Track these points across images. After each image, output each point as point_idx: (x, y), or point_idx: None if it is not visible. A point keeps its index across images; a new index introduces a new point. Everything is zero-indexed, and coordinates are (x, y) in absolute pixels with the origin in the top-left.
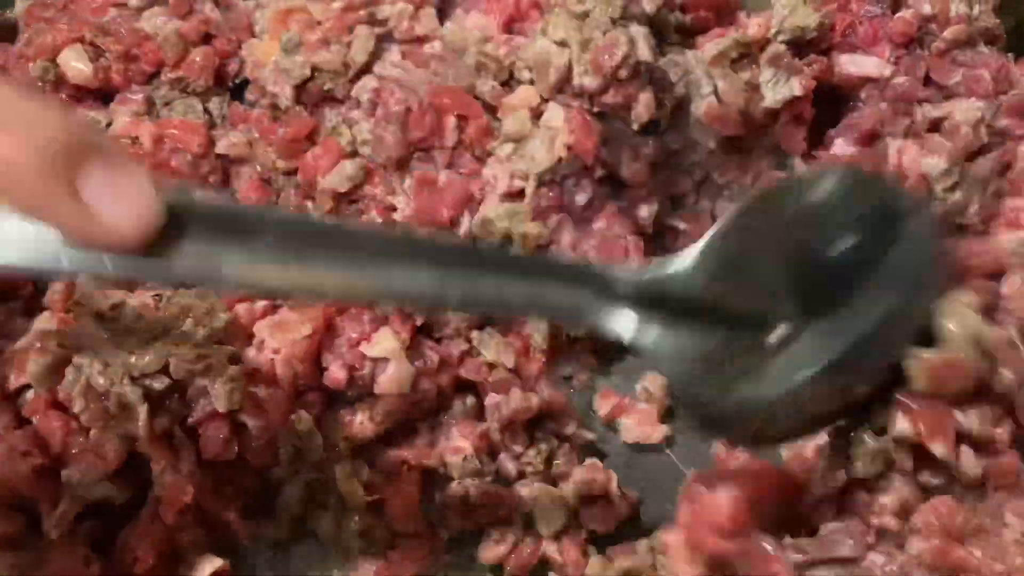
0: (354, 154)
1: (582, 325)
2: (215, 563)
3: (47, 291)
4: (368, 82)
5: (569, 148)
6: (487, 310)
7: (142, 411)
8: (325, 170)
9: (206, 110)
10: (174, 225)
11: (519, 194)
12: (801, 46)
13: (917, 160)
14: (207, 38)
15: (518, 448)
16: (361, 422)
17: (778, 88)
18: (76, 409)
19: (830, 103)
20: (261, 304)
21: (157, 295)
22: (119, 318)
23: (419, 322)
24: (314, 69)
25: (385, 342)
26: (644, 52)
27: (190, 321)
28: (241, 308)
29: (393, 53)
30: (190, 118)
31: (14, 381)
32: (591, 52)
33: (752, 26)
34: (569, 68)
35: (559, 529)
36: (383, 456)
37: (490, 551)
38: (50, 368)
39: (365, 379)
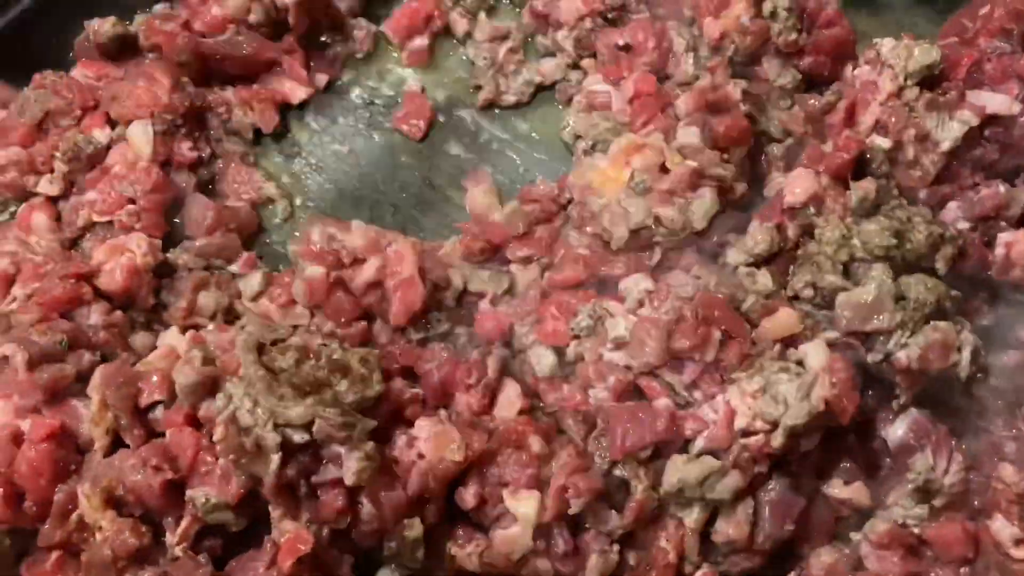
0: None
1: None
2: None
3: (169, 307)
4: (642, 282)
5: (827, 403)
6: None
7: (275, 459)
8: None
9: None
10: None
11: (751, 433)
12: (931, 83)
13: None
14: None
15: None
16: (470, 553)
17: (948, 127)
18: (216, 436)
19: None
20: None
21: (324, 343)
22: (279, 358)
23: (574, 509)
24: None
25: (526, 504)
26: None
27: (345, 382)
28: (398, 383)
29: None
30: None
31: (147, 396)
32: None
33: (885, 81)
34: None
35: None
36: None
37: None
38: (198, 385)
39: (488, 519)
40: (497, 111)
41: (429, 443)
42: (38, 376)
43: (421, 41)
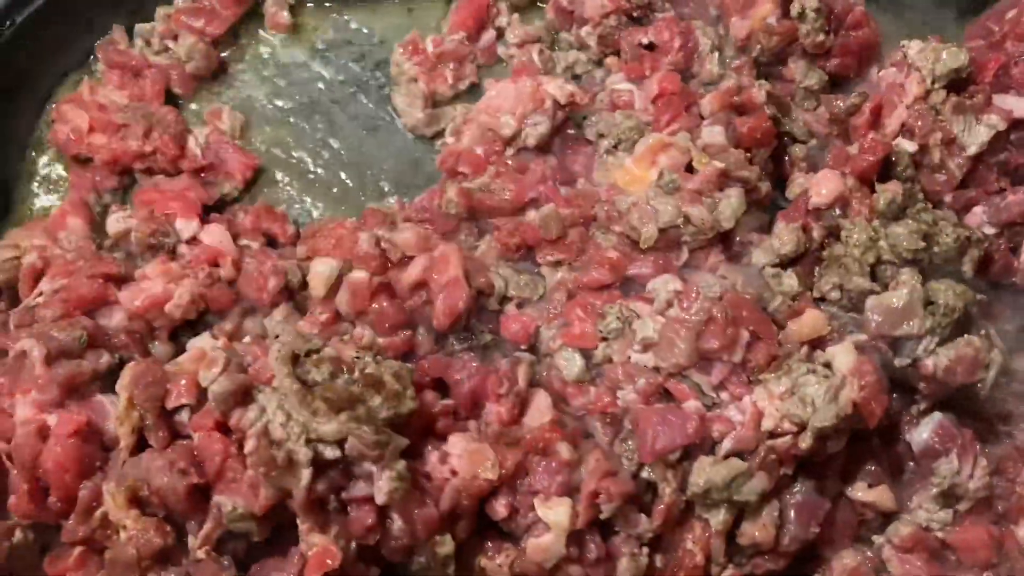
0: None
1: None
2: None
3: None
4: (671, 283)
5: (855, 406)
6: None
7: (306, 474)
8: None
9: None
10: None
11: (778, 435)
12: (958, 86)
13: None
14: None
15: None
16: (501, 564)
17: (975, 131)
18: (247, 449)
19: None
20: (439, 407)
21: (358, 356)
22: (313, 371)
23: (606, 514)
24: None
25: (559, 511)
26: None
27: (379, 398)
28: (429, 395)
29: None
30: None
31: (174, 399)
32: None
33: (912, 84)
34: None
35: None
36: None
37: None
38: (232, 393)
39: (519, 528)
40: None
41: (463, 460)
42: (54, 371)
43: (488, 35)
